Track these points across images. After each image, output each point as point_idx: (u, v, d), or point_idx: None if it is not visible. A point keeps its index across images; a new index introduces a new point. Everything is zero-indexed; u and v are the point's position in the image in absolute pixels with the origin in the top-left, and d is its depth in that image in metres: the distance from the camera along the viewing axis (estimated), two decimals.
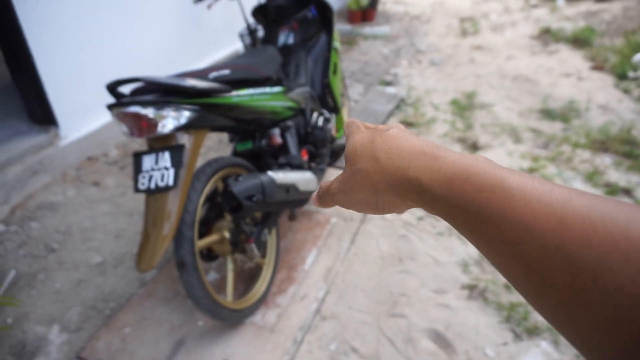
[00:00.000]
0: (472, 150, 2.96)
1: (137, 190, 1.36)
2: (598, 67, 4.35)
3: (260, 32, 2.41)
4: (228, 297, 1.66)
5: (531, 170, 2.75)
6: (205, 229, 1.64)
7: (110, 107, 1.30)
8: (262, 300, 1.80)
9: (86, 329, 1.73)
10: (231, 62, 1.72)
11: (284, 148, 1.93)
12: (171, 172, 1.33)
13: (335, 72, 2.36)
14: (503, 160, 2.86)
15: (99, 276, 1.96)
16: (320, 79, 2.32)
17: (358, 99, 3.65)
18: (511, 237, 0.25)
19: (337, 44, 2.43)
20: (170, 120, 1.32)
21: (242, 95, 1.57)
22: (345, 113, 2.72)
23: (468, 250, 2.13)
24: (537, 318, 1.79)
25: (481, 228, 0.27)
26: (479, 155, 0.31)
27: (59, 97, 2.47)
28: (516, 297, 1.88)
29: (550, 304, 0.24)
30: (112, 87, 1.33)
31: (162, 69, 3.11)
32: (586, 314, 0.22)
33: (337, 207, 2.17)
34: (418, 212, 2.38)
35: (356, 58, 4.63)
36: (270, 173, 1.48)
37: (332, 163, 2.35)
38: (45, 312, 1.80)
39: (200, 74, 1.48)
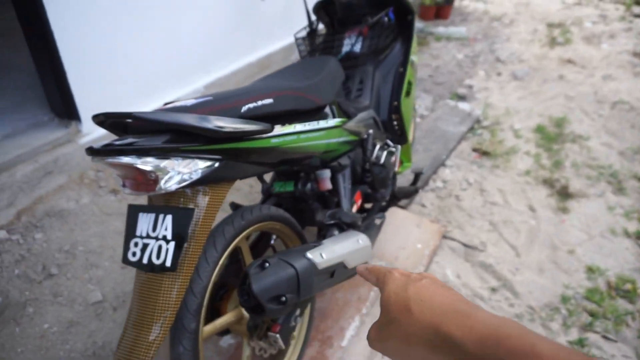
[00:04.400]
0: (562, 198, 2.41)
1: (125, 260, 0.98)
2: None
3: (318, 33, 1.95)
4: None
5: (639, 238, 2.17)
6: (217, 298, 1.25)
7: (91, 152, 0.89)
8: None
9: None
10: (277, 82, 1.28)
11: (333, 192, 1.50)
12: (170, 247, 0.93)
13: (408, 93, 1.88)
14: (601, 217, 2.29)
15: (95, 320, 1.62)
16: (389, 100, 1.85)
17: (425, 114, 3.13)
18: None
19: (414, 57, 1.94)
20: (175, 175, 0.91)
21: (285, 134, 1.14)
22: (410, 132, 2.06)
23: None
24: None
25: None
26: (506, 317, 0.32)
27: (83, 87, 2.14)
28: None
29: None
30: (101, 121, 0.94)
31: (209, 61, 2.75)
32: None
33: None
34: (492, 282, 1.89)
35: (426, 62, 4.08)
36: (310, 255, 1.04)
37: (390, 206, 1.89)
38: None
39: (231, 106, 1.05)
